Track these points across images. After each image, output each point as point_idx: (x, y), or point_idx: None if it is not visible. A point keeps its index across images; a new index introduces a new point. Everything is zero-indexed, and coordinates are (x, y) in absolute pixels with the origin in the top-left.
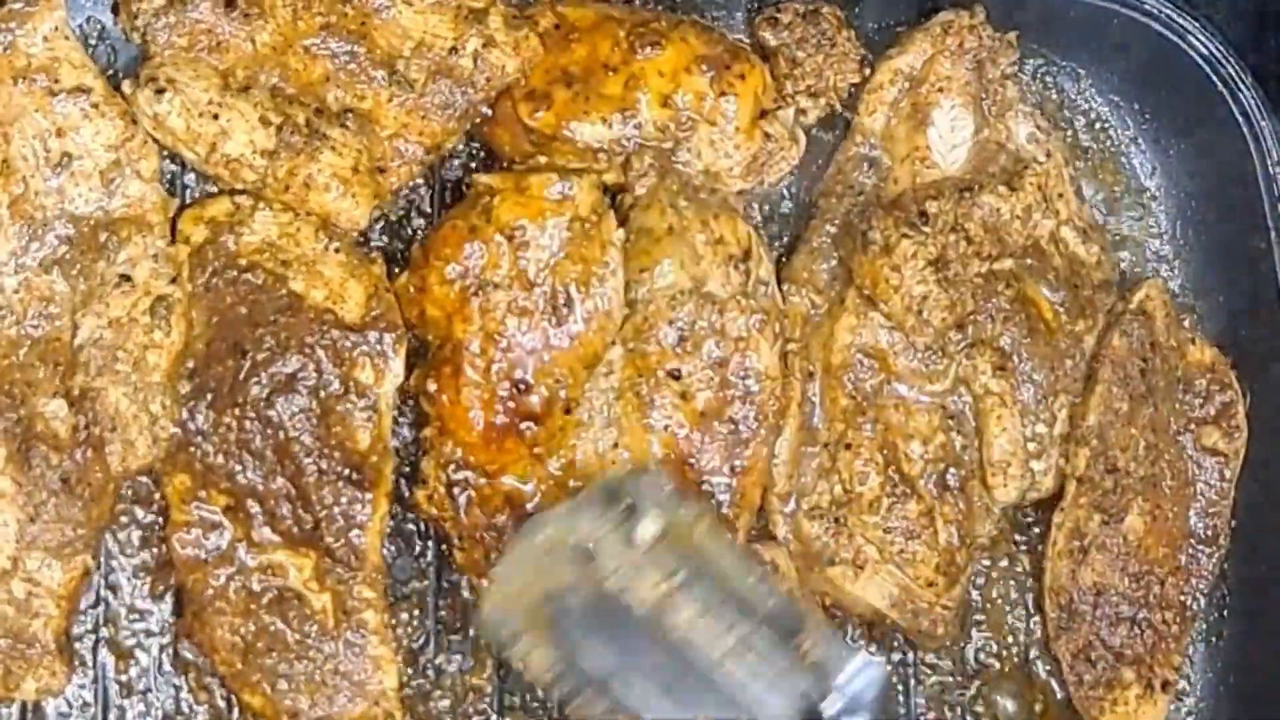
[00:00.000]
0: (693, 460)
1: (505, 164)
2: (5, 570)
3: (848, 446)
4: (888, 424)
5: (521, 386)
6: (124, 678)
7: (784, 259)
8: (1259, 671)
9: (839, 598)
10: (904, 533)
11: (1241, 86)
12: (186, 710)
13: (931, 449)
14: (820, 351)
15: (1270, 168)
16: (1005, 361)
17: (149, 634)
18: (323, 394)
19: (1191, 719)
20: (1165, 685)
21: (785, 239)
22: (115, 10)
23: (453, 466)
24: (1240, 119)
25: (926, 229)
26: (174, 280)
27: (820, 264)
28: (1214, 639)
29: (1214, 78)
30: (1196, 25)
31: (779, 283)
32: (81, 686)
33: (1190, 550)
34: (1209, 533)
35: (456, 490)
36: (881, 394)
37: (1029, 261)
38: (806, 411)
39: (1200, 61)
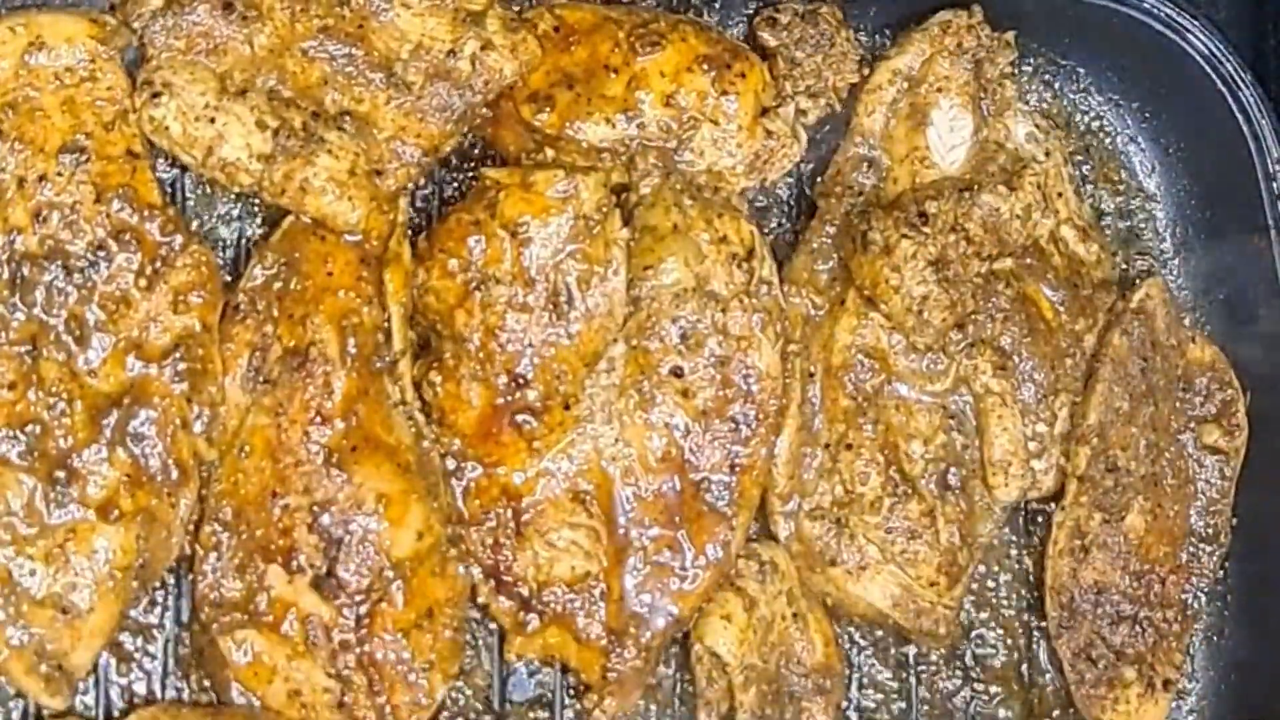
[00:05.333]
0: (693, 458)
1: (513, 160)
2: None
3: (849, 447)
4: (888, 424)
5: (520, 381)
6: (124, 680)
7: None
8: (1260, 670)
9: (841, 598)
10: (906, 533)
11: (1241, 86)
12: None
13: (932, 449)
14: (821, 352)
15: (1270, 166)
16: (1005, 361)
17: (150, 637)
18: None
19: (1193, 717)
20: (1167, 684)
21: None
22: (113, 11)
23: (450, 457)
24: (1240, 118)
25: (926, 229)
26: None
27: (820, 265)
28: (1215, 637)
29: (1214, 77)
30: (1196, 25)
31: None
32: (83, 691)
33: (1191, 548)
34: (1210, 531)
35: (454, 481)
36: (882, 394)
37: (1029, 261)
38: (807, 412)
39: (1200, 61)
